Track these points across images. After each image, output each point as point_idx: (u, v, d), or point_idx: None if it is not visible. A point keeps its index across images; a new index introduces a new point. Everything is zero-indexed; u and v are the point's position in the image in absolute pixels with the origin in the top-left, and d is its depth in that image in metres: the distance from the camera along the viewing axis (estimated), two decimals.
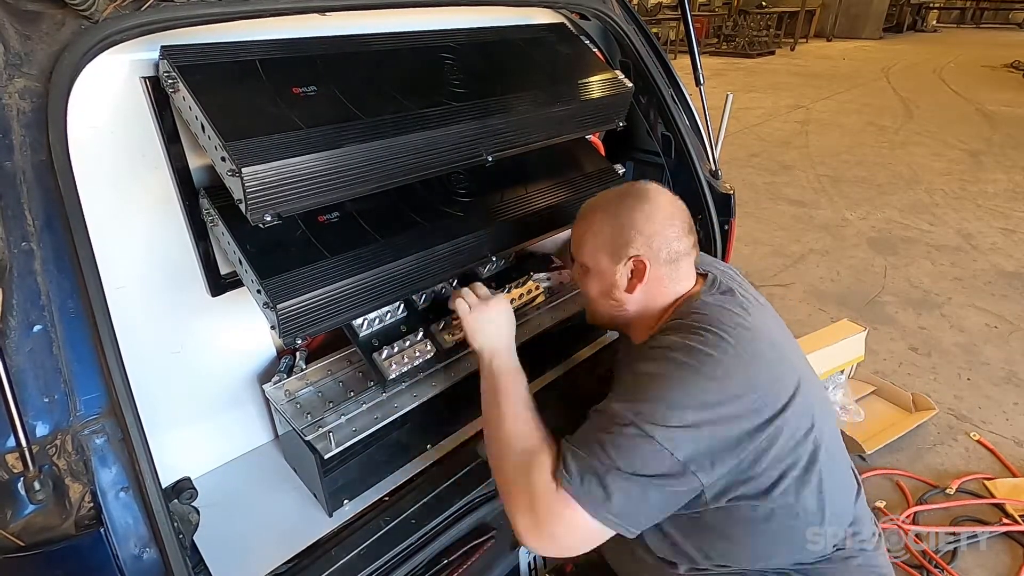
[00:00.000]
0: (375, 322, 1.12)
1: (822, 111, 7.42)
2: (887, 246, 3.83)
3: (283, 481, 1.17)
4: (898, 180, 4.98)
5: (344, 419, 1.05)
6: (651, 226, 0.94)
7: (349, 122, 0.93)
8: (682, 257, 0.96)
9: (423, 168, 1.02)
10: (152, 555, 0.74)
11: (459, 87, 1.11)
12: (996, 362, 2.69)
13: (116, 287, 0.93)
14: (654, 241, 0.94)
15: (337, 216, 1.04)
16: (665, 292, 0.97)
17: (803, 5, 13.74)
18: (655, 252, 0.94)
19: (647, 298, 0.98)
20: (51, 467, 0.69)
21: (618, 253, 0.96)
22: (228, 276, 1.06)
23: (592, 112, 1.30)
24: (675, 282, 0.97)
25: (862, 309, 3.12)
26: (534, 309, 1.34)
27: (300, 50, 1.00)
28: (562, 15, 1.50)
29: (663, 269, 0.95)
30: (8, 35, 0.72)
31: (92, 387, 0.72)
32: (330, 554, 1.00)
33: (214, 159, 0.85)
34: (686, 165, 1.50)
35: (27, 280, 0.69)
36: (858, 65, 10.86)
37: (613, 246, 0.97)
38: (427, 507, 1.07)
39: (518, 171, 1.31)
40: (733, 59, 11.93)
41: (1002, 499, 1.93)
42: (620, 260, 0.96)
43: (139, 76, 0.89)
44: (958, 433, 2.26)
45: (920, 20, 17.27)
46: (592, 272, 1.01)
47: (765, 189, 4.82)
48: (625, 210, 0.96)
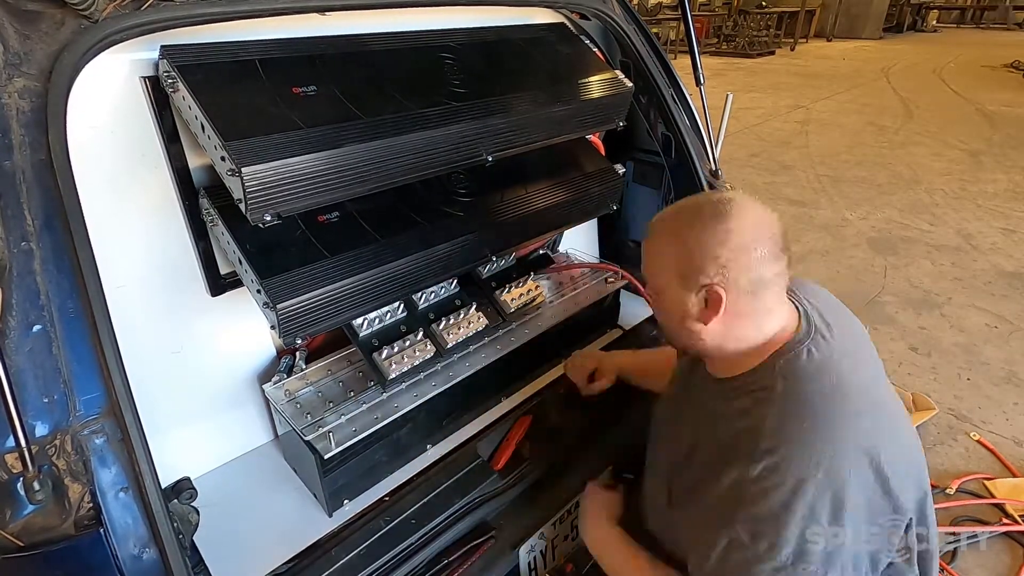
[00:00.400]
0: (375, 322, 1.12)
1: (822, 111, 7.42)
2: (887, 246, 3.83)
3: (283, 481, 1.17)
4: (898, 180, 4.98)
5: (344, 419, 1.05)
6: (726, 251, 0.79)
7: (349, 122, 0.92)
8: (769, 285, 0.82)
9: (423, 168, 1.02)
10: (152, 555, 0.74)
11: (459, 87, 1.10)
12: (996, 362, 2.68)
13: (116, 287, 0.93)
14: (731, 268, 0.80)
15: (337, 216, 1.04)
16: (751, 325, 0.84)
17: (803, 5, 13.73)
18: (732, 280, 0.80)
19: (728, 331, 0.84)
20: (50, 467, 0.69)
21: (688, 281, 0.83)
22: (228, 276, 1.06)
23: (592, 112, 1.30)
24: (762, 314, 0.84)
25: (862, 309, 3.12)
26: (534, 309, 1.34)
27: (300, 50, 0.99)
28: (562, 15, 1.50)
29: (744, 299, 0.81)
30: (7, 35, 0.72)
31: (92, 387, 0.72)
32: (330, 554, 1.00)
33: (214, 159, 0.85)
34: (686, 165, 1.50)
35: (27, 280, 0.69)
36: (858, 65, 10.85)
37: (683, 272, 0.83)
38: (427, 507, 1.07)
39: (518, 171, 1.31)
40: (733, 59, 11.93)
41: (1002, 499, 1.93)
42: (692, 289, 0.83)
43: (139, 76, 0.89)
44: (958, 433, 2.26)
45: (920, 20, 17.26)
46: (662, 297, 0.89)
47: (765, 189, 4.82)
48: (696, 231, 0.82)
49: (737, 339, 0.85)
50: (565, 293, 1.44)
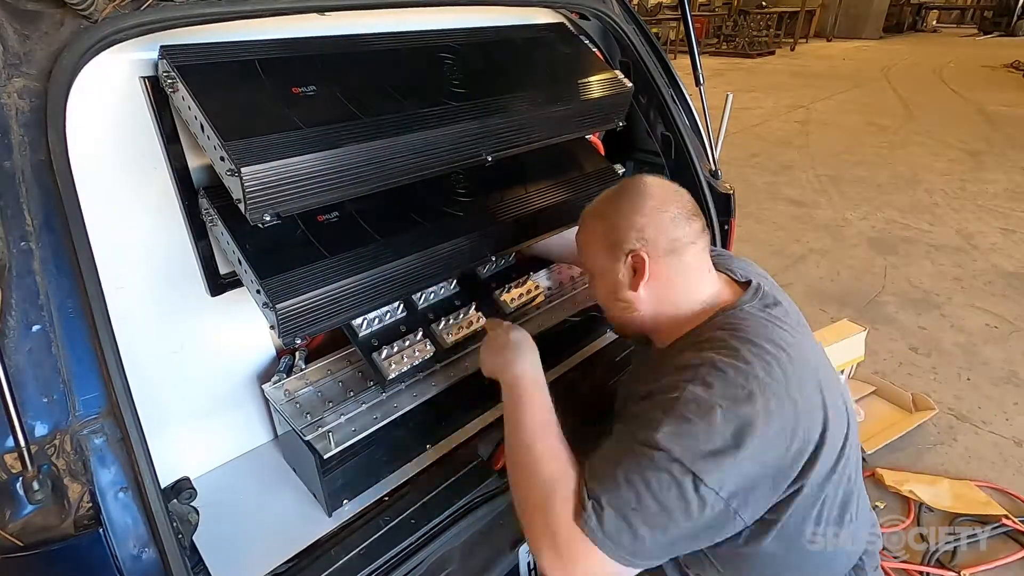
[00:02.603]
0: (375, 322, 1.12)
1: (822, 111, 7.43)
2: (887, 246, 3.83)
3: (283, 481, 1.17)
4: (898, 180, 4.98)
5: (344, 419, 1.05)
6: (641, 217, 0.88)
7: (349, 122, 0.92)
8: (686, 246, 0.88)
9: (423, 168, 1.02)
10: (151, 555, 0.74)
11: (459, 87, 1.10)
12: (996, 362, 2.68)
13: (115, 287, 0.93)
14: (647, 231, 0.88)
15: (337, 216, 1.04)
16: (679, 288, 0.90)
17: (803, 5, 13.74)
18: (651, 243, 0.88)
19: (659, 297, 0.90)
20: (50, 467, 0.69)
21: (615, 252, 0.91)
22: (227, 276, 1.06)
23: (592, 112, 1.30)
24: (685, 275, 0.90)
25: (862, 309, 3.12)
26: (534, 309, 1.34)
27: (299, 50, 1.00)
28: (562, 15, 1.50)
29: (666, 260, 0.88)
30: (7, 35, 0.72)
31: (91, 387, 0.72)
32: (330, 554, 1.00)
33: (213, 159, 0.85)
34: (686, 165, 1.50)
35: (26, 280, 0.69)
36: (858, 65, 10.86)
37: (610, 246, 0.92)
38: (427, 507, 1.07)
39: (518, 171, 1.31)
40: (733, 59, 11.93)
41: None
42: (619, 259, 0.90)
43: (138, 76, 0.89)
44: (958, 433, 2.26)
45: (920, 20, 17.27)
46: (597, 276, 0.97)
47: (765, 189, 4.82)
48: (614, 207, 0.93)
49: (671, 302, 0.91)
50: (565, 293, 1.44)
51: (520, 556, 1.18)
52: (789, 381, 0.78)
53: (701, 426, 0.74)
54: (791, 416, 0.77)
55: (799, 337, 0.86)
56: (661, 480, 0.73)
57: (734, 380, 0.76)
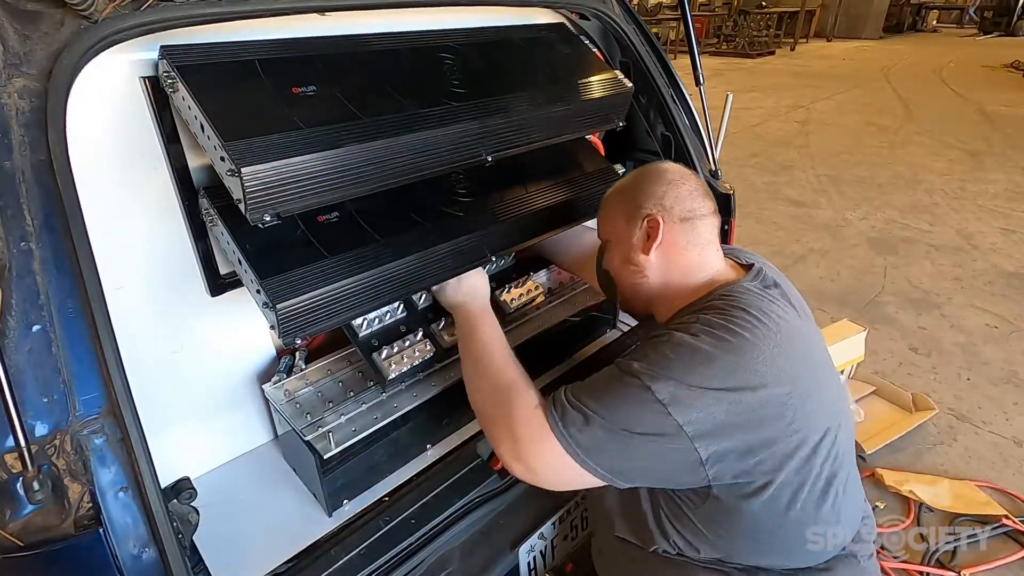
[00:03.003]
0: (375, 322, 1.12)
1: (822, 111, 7.42)
2: (887, 246, 3.83)
3: (283, 481, 1.17)
4: (898, 180, 4.98)
5: (344, 419, 1.05)
6: (661, 187, 0.96)
7: (349, 122, 0.92)
8: (699, 218, 0.94)
9: (423, 168, 1.02)
10: (151, 555, 0.74)
11: (459, 87, 1.10)
12: (996, 362, 2.68)
13: (115, 287, 0.93)
14: (666, 199, 0.95)
15: (337, 216, 1.04)
16: (688, 257, 0.95)
17: (803, 5, 13.73)
18: (667, 210, 0.94)
19: (667, 263, 0.95)
20: (50, 467, 0.69)
21: (632, 217, 0.97)
22: (228, 276, 1.06)
23: (592, 112, 1.30)
24: (695, 247, 0.94)
25: (862, 309, 3.12)
26: (534, 309, 1.34)
27: (300, 50, 0.99)
28: (562, 15, 1.50)
29: (679, 227, 0.94)
30: (7, 35, 0.72)
31: (91, 387, 0.72)
32: (330, 554, 1.00)
33: (213, 159, 0.85)
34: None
35: (26, 280, 0.69)
36: (858, 65, 10.85)
37: (628, 213, 0.98)
38: (427, 507, 1.07)
39: (518, 171, 1.31)
40: (733, 59, 11.93)
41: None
42: (635, 223, 0.97)
43: (138, 76, 0.89)
44: (958, 433, 2.26)
45: (920, 20, 17.27)
46: (612, 243, 1.02)
47: (765, 189, 4.82)
48: (634, 182, 1.00)
49: (679, 270, 0.95)
50: (564, 294, 1.44)
51: (520, 556, 1.18)
52: (779, 348, 0.82)
53: (679, 363, 0.79)
54: (772, 378, 0.80)
55: (795, 317, 0.90)
56: (627, 391, 0.79)
57: (720, 335, 0.81)
